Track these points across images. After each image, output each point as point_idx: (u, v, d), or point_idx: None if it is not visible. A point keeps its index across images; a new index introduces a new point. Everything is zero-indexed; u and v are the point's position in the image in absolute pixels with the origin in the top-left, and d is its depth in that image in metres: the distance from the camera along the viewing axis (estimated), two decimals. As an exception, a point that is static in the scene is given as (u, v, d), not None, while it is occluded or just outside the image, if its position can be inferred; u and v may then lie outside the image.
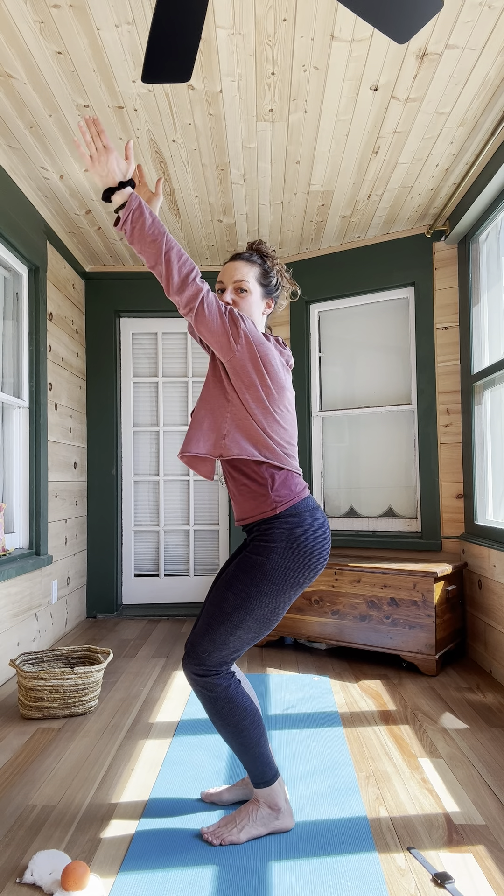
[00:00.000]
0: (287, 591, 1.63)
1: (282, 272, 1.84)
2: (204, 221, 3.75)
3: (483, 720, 2.47)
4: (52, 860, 1.53)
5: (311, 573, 1.65)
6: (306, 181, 3.27)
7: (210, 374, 1.70)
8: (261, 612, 1.62)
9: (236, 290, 1.75)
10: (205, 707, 1.69)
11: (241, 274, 1.75)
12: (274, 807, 1.70)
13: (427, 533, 3.72)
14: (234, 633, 1.62)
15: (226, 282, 1.76)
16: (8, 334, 3.35)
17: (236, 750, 1.70)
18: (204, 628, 1.65)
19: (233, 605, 1.61)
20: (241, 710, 1.66)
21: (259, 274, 1.77)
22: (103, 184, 1.58)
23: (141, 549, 4.61)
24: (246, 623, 1.62)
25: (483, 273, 3.39)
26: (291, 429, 1.72)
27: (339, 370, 4.19)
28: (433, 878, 1.50)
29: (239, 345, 1.59)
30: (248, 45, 2.24)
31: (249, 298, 1.75)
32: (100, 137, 1.57)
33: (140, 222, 1.53)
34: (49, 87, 2.47)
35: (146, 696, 2.79)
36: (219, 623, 1.62)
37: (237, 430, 1.64)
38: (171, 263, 1.54)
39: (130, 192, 1.57)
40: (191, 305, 1.56)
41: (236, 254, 1.80)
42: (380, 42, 2.23)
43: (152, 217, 1.55)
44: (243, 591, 1.61)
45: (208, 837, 1.66)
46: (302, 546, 1.62)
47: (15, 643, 3.09)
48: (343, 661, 3.29)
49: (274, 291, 1.83)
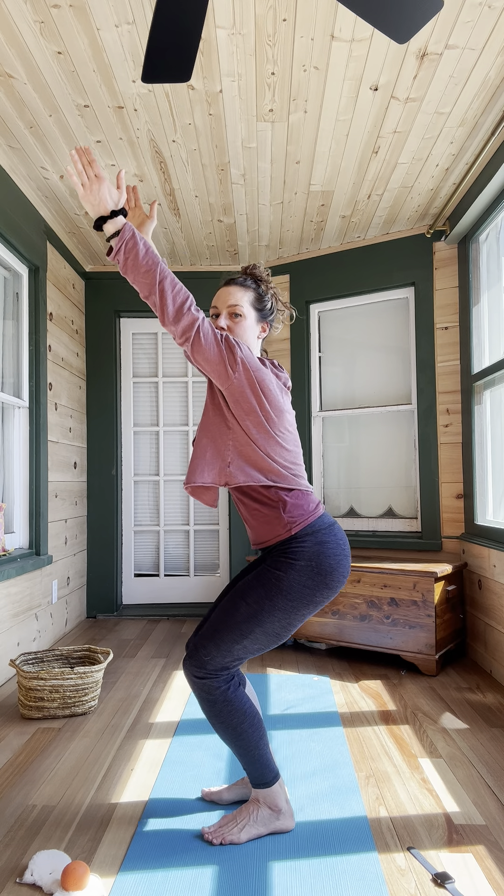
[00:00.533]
0: (302, 608, 1.61)
1: (276, 296, 1.84)
2: (204, 221, 3.75)
3: (483, 720, 2.47)
4: (52, 860, 1.53)
5: (329, 592, 1.63)
6: (306, 181, 3.27)
7: (209, 401, 1.68)
8: (271, 626, 1.61)
9: (230, 315, 1.74)
10: (202, 708, 1.69)
11: (234, 299, 1.74)
12: (274, 807, 1.70)
13: (427, 533, 3.72)
14: (240, 642, 1.61)
15: (220, 307, 1.76)
16: (8, 334, 3.35)
17: (235, 751, 1.70)
18: (211, 632, 1.64)
19: (244, 615, 1.60)
20: (238, 712, 1.66)
21: (253, 298, 1.77)
22: (95, 213, 1.56)
23: (141, 549, 4.61)
24: (254, 634, 1.61)
25: (483, 273, 3.39)
26: (296, 449, 1.70)
27: (339, 370, 4.19)
28: (433, 878, 1.50)
29: (236, 372, 1.58)
30: (248, 45, 2.24)
31: (244, 323, 1.74)
32: (91, 167, 1.55)
33: (133, 252, 1.52)
34: (49, 87, 2.47)
35: (146, 696, 2.79)
36: (227, 630, 1.61)
37: (241, 457, 1.63)
38: (166, 293, 1.53)
39: (123, 221, 1.56)
40: (187, 335, 1.55)
41: (230, 278, 1.79)
42: (380, 42, 2.23)
43: (146, 247, 1.53)
44: (257, 603, 1.60)
45: (209, 837, 1.66)
46: (321, 565, 1.60)
47: (15, 643, 3.09)
48: (343, 661, 3.29)
49: (269, 315, 1.82)
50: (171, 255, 4.30)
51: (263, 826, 1.68)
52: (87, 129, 2.75)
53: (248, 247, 4.15)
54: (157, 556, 4.60)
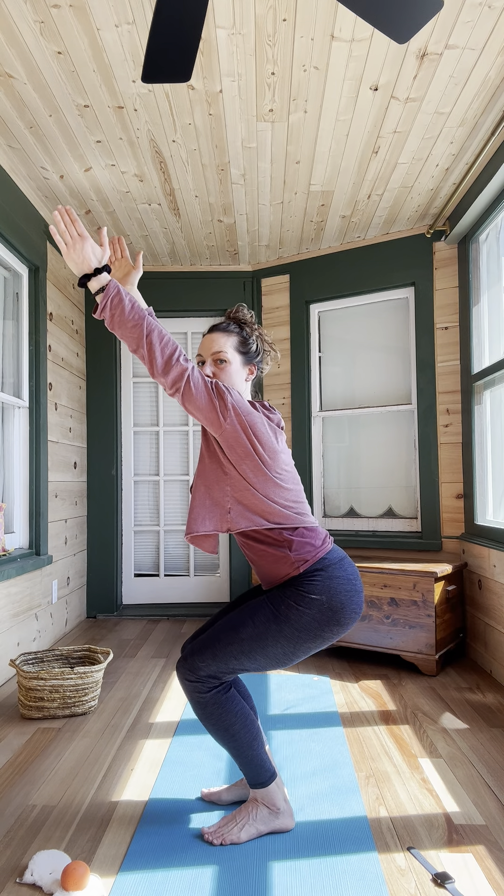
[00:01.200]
0: (308, 641, 1.60)
1: (262, 337, 1.85)
2: (204, 221, 3.75)
3: (483, 720, 2.47)
4: (52, 860, 1.54)
5: (339, 629, 1.61)
6: (306, 181, 3.26)
7: (204, 448, 1.68)
8: (273, 651, 1.60)
9: (215, 362, 1.76)
10: (194, 710, 1.68)
11: (218, 345, 1.75)
12: (273, 807, 1.70)
13: (427, 533, 3.72)
14: (238, 658, 1.61)
15: (204, 355, 1.77)
16: (8, 334, 3.35)
17: (228, 752, 1.70)
18: (211, 641, 1.63)
19: (249, 634, 1.59)
20: (230, 714, 1.65)
21: (237, 343, 1.78)
22: (79, 271, 1.57)
23: (141, 549, 4.61)
24: (254, 655, 1.60)
25: (483, 273, 3.39)
26: (296, 487, 1.69)
27: (339, 370, 4.19)
28: (433, 878, 1.50)
29: (228, 419, 1.57)
30: (248, 45, 2.24)
31: (229, 369, 1.75)
32: (74, 225, 1.57)
33: (119, 308, 1.53)
34: (49, 87, 2.47)
35: (146, 696, 2.79)
36: (227, 643, 1.61)
37: (241, 503, 1.63)
38: (154, 346, 1.53)
39: (108, 278, 1.57)
40: (177, 386, 1.55)
41: (213, 325, 1.81)
42: (380, 42, 2.23)
43: (132, 302, 1.54)
44: (263, 626, 1.59)
45: (209, 837, 1.66)
46: (332, 601, 1.59)
47: (15, 643, 3.09)
48: (343, 661, 3.29)
49: (254, 357, 1.83)
50: (172, 255, 4.30)
51: (263, 825, 1.68)
52: (87, 129, 2.75)
53: (248, 247, 4.15)
54: (157, 556, 4.60)
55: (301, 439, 4.21)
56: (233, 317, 1.85)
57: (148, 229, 3.85)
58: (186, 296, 4.49)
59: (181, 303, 4.48)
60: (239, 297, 4.45)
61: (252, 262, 4.43)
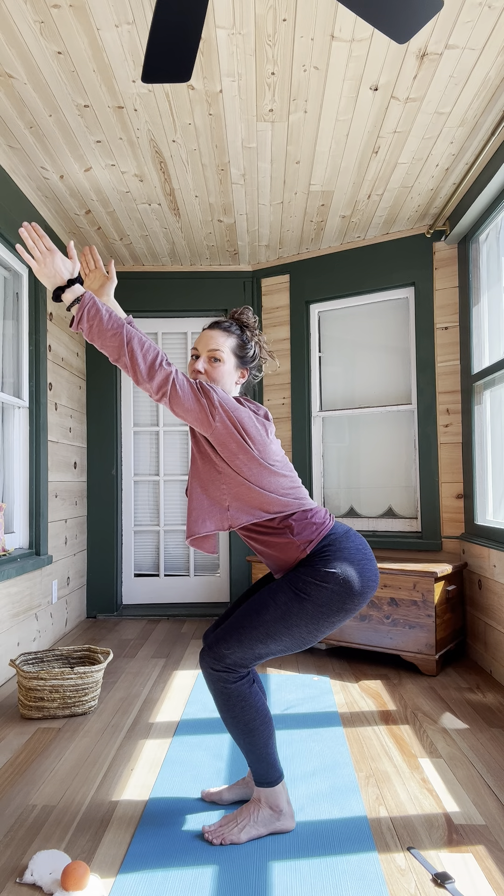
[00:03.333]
0: (331, 616, 1.60)
1: (260, 344, 1.84)
2: (204, 221, 3.75)
3: (483, 720, 2.47)
4: (52, 860, 1.54)
5: (360, 600, 1.62)
6: (306, 181, 3.27)
7: (195, 450, 1.69)
8: (298, 630, 1.60)
9: (209, 360, 1.75)
10: (216, 702, 1.68)
11: (216, 343, 1.75)
12: (275, 808, 1.70)
13: (427, 533, 3.72)
14: (264, 641, 1.61)
15: (200, 349, 1.76)
16: (8, 334, 3.35)
17: (243, 748, 1.70)
18: (236, 628, 1.63)
19: (272, 616, 1.60)
20: (252, 708, 1.66)
21: (235, 345, 1.77)
22: (52, 285, 1.58)
23: (141, 549, 4.62)
24: (280, 636, 1.60)
25: (483, 273, 3.39)
26: (291, 473, 1.71)
27: (339, 370, 4.19)
28: (433, 878, 1.50)
29: (217, 417, 1.57)
30: (248, 45, 2.24)
31: (222, 368, 1.75)
32: (41, 241, 1.58)
33: (97, 319, 1.53)
34: (49, 87, 2.47)
35: (146, 696, 2.79)
36: (252, 627, 1.61)
37: (238, 499, 1.64)
38: (135, 353, 1.53)
39: (81, 290, 1.57)
40: (163, 390, 1.54)
41: (215, 322, 1.80)
42: (380, 42, 2.23)
43: (108, 311, 1.54)
44: (286, 606, 1.59)
45: (209, 837, 1.66)
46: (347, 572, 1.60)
47: (15, 643, 3.09)
48: (343, 661, 3.29)
49: (250, 363, 1.82)
50: (172, 255, 4.30)
51: (264, 827, 1.68)
52: (87, 129, 2.75)
53: (248, 247, 4.15)
54: (157, 556, 4.60)
55: (301, 439, 4.21)
56: (236, 318, 1.84)
57: (148, 229, 3.85)
58: (187, 296, 4.49)
59: (181, 303, 4.48)
60: (239, 297, 4.45)
61: (252, 262, 4.43)
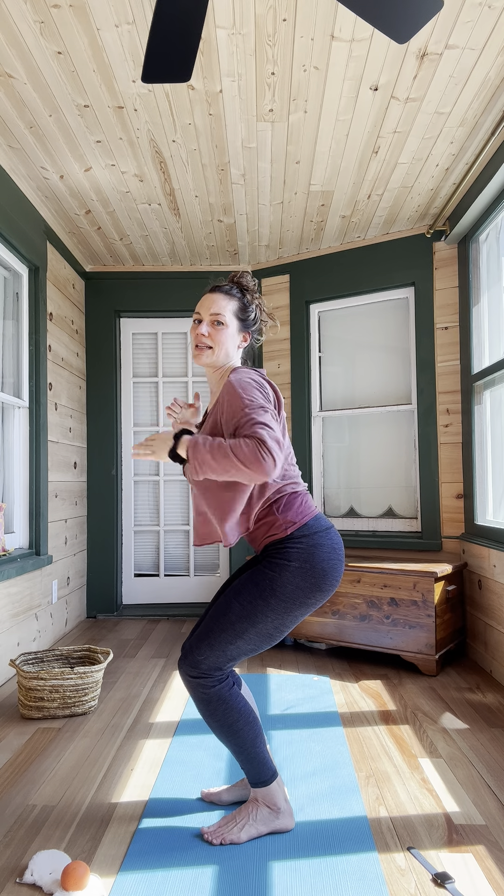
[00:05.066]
0: (294, 610, 1.62)
1: (261, 307, 1.85)
2: (204, 221, 3.75)
3: (483, 720, 2.47)
4: (52, 860, 1.54)
5: (322, 596, 1.64)
6: (306, 181, 3.26)
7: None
8: (264, 626, 1.62)
9: (213, 323, 1.76)
10: (198, 707, 1.69)
11: (218, 307, 1.75)
12: (273, 806, 1.70)
13: (427, 533, 3.72)
14: (234, 642, 1.62)
15: (203, 314, 1.77)
16: (8, 334, 3.35)
17: (232, 750, 1.70)
18: (205, 632, 1.65)
19: (237, 615, 1.62)
20: (234, 711, 1.66)
21: (237, 308, 1.78)
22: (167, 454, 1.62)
23: (141, 549, 4.61)
24: (248, 634, 1.62)
25: (483, 273, 3.39)
26: (290, 449, 1.75)
27: (339, 370, 4.19)
28: (433, 878, 1.50)
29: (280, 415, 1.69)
30: (248, 45, 2.24)
31: (225, 332, 1.76)
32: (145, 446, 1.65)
33: (206, 463, 1.53)
34: (49, 87, 2.47)
35: (146, 696, 2.79)
36: (220, 630, 1.63)
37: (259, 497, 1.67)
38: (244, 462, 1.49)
39: (186, 438, 1.59)
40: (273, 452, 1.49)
41: (216, 286, 1.81)
42: (380, 42, 2.23)
43: (209, 445, 1.54)
44: (250, 603, 1.61)
45: (209, 837, 1.66)
46: (314, 567, 1.61)
47: (15, 643, 3.09)
48: (343, 661, 3.29)
49: (251, 326, 1.83)
50: (172, 255, 4.30)
51: (263, 825, 1.68)
52: (87, 129, 2.75)
53: (248, 247, 4.15)
54: (157, 556, 4.60)
55: (301, 439, 4.21)
56: (236, 281, 1.83)
57: (148, 229, 3.85)
58: (186, 296, 4.49)
59: (181, 303, 4.48)
60: (239, 297, 4.44)
61: (252, 262, 4.42)
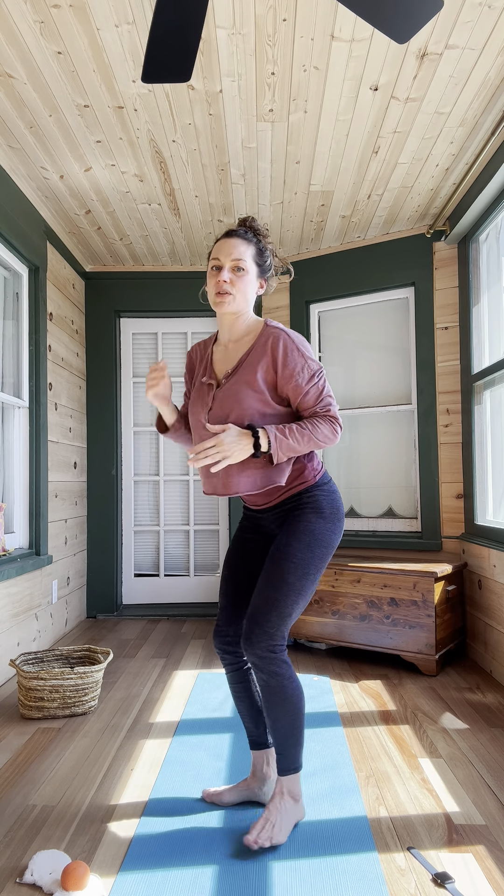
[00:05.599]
0: (330, 555, 1.72)
1: (274, 252, 1.83)
2: (204, 221, 3.75)
3: (483, 720, 2.47)
4: (52, 860, 1.53)
5: (341, 536, 1.76)
6: (306, 181, 3.26)
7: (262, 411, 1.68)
8: (315, 577, 1.68)
9: (234, 269, 1.70)
10: (274, 695, 1.64)
11: (238, 252, 1.70)
12: (295, 796, 1.71)
13: (427, 533, 3.72)
14: (297, 602, 1.65)
15: (223, 259, 1.70)
16: (8, 334, 3.35)
17: (289, 735, 1.67)
18: (270, 602, 1.63)
19: (295, 576, 1.64)
20: (300, 688, 1.69)
21: (255, 253, 1.74)
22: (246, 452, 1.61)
23: (141, 549, 4.62)
24: (306, 590, 1.66)
25: (483, 273, 3.39)
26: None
27: (339, 370, 4.19)
28: (433, 878, 1.50)
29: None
30: (248, 45, 2.24)
31: (245, 278, 1.71)
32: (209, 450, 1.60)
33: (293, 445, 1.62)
34: (49, 87, 2.47)
35: (146, 696, 2.79)
36: (285, 594, 1.63)
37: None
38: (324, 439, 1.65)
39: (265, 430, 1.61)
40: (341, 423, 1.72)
41: (231, 230, 1.75)
42: (380, 42, 2.23)
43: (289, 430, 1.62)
44: (302, 560, 1.65)
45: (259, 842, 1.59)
46: (338, 511, 1.73)
47: (15, 643, 3.09)
48: (343, 661, 3.29)
49: (267, 272, 1.80)
50: (172, 255, 4.30)
51: (291, 818, 1.68)
52: (87, 129, 2.75)
53: (248, 247, 4.15)
54: (157, 556, 4.60)
55: (301, 439, 4.20)
56: (250, 225, 1.78)
57: (148, 229, 3.85)
58: (186, 296, 4.49)
59: (181, 303, 4.48)
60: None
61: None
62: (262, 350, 1.66)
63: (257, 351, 1.67)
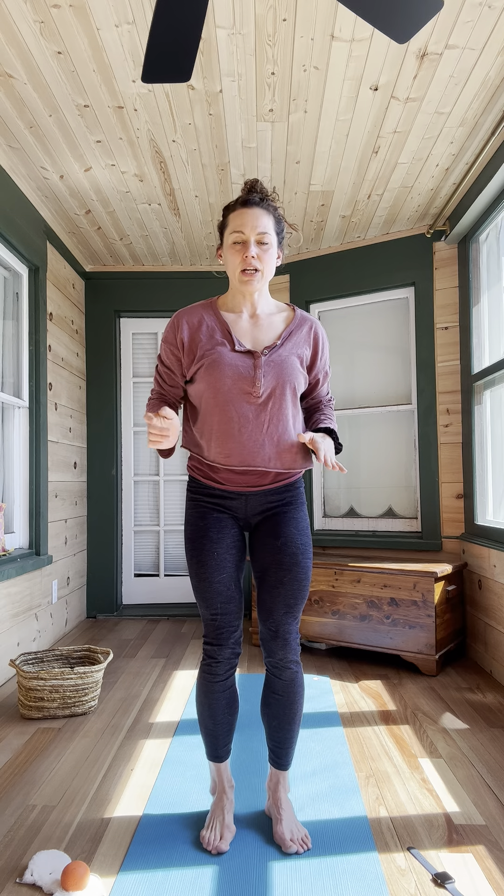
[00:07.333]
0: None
1: (283, 217, 1.72)
2: (204, 221, 3.75)
3: (483, 720, 2.47)
4: (52, 860, 1.53)
5: None
6: (306, 181, 3.26)
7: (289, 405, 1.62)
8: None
9: (259, 244, 1.58)
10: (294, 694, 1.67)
11: (262, 225, 1.57)
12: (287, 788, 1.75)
13: (427, 533, 3.72)
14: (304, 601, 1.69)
15: (247, 233, 1.56)
16: (8, 334, 3.35)
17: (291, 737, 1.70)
18: (294, 611, 1.64)
19: (308, 576, 1.67)
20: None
21: (274, 223, 1.61)
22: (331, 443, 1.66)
23: (141, 549, 4.61)
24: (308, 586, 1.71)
25: (483, 273, 3.39)
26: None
27: (339, 370, 4.19)
28: (433, 878, 1.50)
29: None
30: (248, 45, 2.24)
31: (270, 251, 1.59)
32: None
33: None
34: (49, 87, 2.47)
35: (146, 696, 2.79)
36: (304, 600, 1.67)
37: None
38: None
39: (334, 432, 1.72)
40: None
41: (248, 199, 1.60)
42: (380, 42, 2.23)
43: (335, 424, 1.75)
44: (310, 556, 1.68)
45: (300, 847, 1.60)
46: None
47: (15, 643, 3.09)
48: (343, 661, 3.29)
49: (282, 241, 1.69)
50: (172, 255, 4.30)
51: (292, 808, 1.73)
52: (87, 129, 2.75)
53: (248, 247, 4.15)
54: (157, 556, 4.60)
55: (301, 439, 4.20)
56: (260, 189, 1.63)
57: (148, 229, 3.85)
58: (187, 296, 4.49)
59: (181, 303, 4.48)
60: (239, 297, 4.45)
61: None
62: (306, 334, 1.68)
63: (301, 332, 1.67)
